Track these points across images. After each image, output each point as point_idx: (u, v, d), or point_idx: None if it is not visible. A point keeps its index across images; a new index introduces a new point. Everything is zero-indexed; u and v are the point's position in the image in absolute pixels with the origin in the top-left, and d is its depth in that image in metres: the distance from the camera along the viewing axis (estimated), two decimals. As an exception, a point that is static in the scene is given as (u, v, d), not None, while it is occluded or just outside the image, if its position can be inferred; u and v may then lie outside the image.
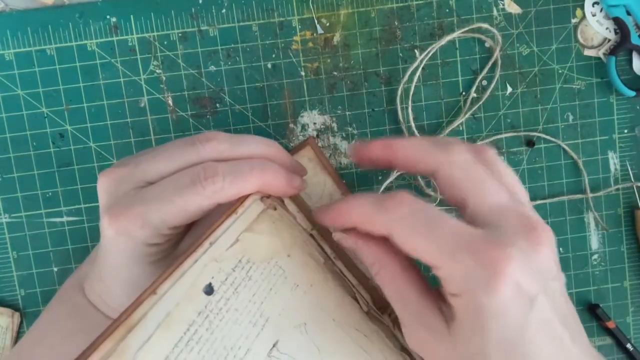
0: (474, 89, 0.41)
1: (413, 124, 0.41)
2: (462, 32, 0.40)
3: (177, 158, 0.28)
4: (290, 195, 0.31)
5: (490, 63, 0.41)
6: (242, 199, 0.29)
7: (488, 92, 0.41)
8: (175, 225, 0.28)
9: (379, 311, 0.33)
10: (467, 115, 0.41)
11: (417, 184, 0.41)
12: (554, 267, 0.24)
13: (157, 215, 0.27)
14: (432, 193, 0.41)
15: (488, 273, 0.22)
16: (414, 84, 0.41)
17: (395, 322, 0.33)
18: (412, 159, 0.27)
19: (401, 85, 0.41)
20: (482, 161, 0.26)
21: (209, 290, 0.26)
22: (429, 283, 0.27)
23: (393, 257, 0.26)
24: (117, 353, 0.22)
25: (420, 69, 0.41)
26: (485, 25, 0.40)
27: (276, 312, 0.27)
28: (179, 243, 0.31)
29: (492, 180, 0.25)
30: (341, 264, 0.33)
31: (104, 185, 0.29)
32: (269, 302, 0.27)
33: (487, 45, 0.42)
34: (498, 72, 0.41)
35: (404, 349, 0.33)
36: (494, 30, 0.40)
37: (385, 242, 0.26)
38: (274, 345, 0.27)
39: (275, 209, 0.30)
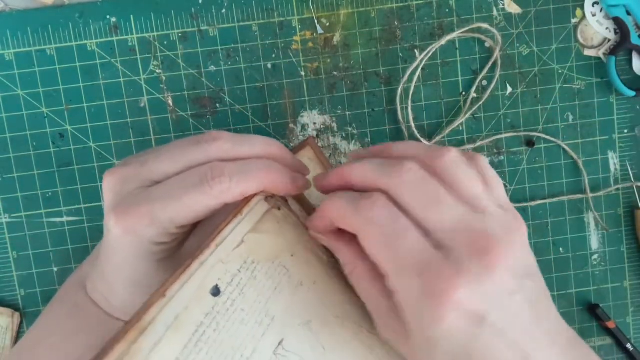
0: (474, 89, 0.41)
1: (413, 124, 0.41)
2: (462, 32, 0.40)
3: (182, 158, 0.28)
4: (295, 194, 0.31)
5: (490, 63, 0.41)
6: (247, 199, 0.29)
7: (488, 92, 0.41)
8: (183, 224, 0.28)
9: None
10: (467, 115, 0.41)
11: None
12: (511, 282, 0.24)
13: (164, 214, 0.27)
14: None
15: (433, 304, 0.23)
16: (413, 83, 0.41)
17: None
18: (365, 182, 0.27)
19: (401, 85, 0.41)
20: (436, 174, 0.25)
21: (216, 291, 0.26)
22: None
23: (366, 259, 0.26)
24: (130, 356, 0.22)
25: (419, 69, 0.41)
26: (485, 25, 0.40)
27: (281, 310, 0.28)
28: (183, 242, 0.31)
29: (446, 195, 0.25)
30: None
31: (110, 184, 0.28)
32: (274, 301, 0.28)
33: (487, 45, 0.42)
34: (498, 72, 0.41)
35: None
36: (494, 31, 0.40)
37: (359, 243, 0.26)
38: (279, 344, 0.27)
39: (279, 208, 0.31)
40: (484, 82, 0.42)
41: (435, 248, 0.24)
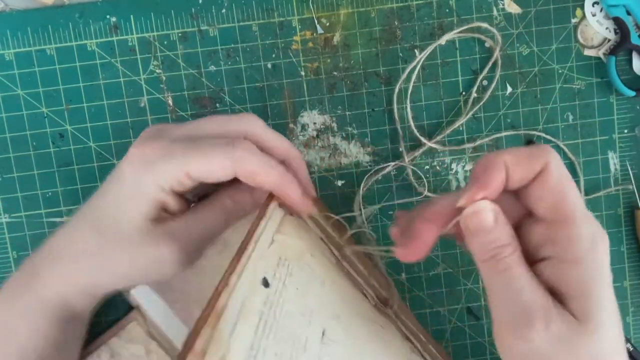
0: (475, 88, 0.41)
1: (412, 123, 0.41)
2: (461, 32, 0.40)
3: (217, 127, 0.31)
4: (300, 212, 0.33)
5: (490, 63, 0.41)
6: (266, 204, 0.30)
7: (489, 92, 0.41)
8: (196, 179, 0.30)
9: (382, 305, 0.36)
10: (468, 115, 0.41)
11: (409, 181, 0.41)
12: None
13: (184, 157, 0.29)
14: (423, 190, 0.41)
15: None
16: (411, 83, 0.41)
17: (397, 314, 0.37)
18: (520, 161, 0.26)
19: (398, 84, 0.41)
20: None
21: (266, 283, 0.27)
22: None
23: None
24: (215, 339, 0.23)
25: (418, 68, 0.41)
26: (484, 25, 0.40)
27: (316, 304, 0.29)
28: (176, 235, 0.32)
29: None
30: (347, 264, 0.36)
31: (144, 133, 0.32)
32: (309, 296, 0.29)
33: (487, 45, 0.42)
34: (498, 72, 0.41)
35: (407, 338, 0.36)
36: (494, 30, 0.40)
37: None
38: (323, 334, 0.28)
39: (292, 214, 0.32)
40: (485, 82, 0.42)
41: None
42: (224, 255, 0.38)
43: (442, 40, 0.40)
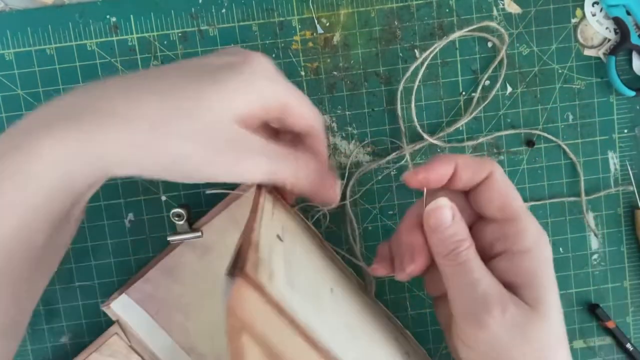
0: (480, 88, 0.41)
1: (416, 119, 0.41)
2: (469, 31, 0.40)
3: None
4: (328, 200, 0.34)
5: (496, 61, 0.41)
6: (258, 192, 0.31)
7: (494, 92, 0.41)
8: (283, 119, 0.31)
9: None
10: (473, 114, 0.41)
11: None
12: None
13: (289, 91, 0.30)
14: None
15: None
16: (417, 81, 0.41)
17: (374, 300, 0.39)
18: (469, 167, 0.30)
19: (402, 83, 0.41)
20: None
21: (280, 238, 0.28)
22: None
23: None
24: (261, 260, 0.23)
25: (424, 66, 0.41)
26: (492, 24, 0.40)
27: (319, 269, 0.31)
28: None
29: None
30: (329, 246, 0.38)
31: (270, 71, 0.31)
32: (312, 261, 0.31)
33: (489, 45, 0.42)
34: (504, 71, 0.41)
35: (389, 318, 0.39)
36: (501, 29, 0.40)
37: None
38: (331, 290, 0.30)
39: (279, 200, 0.34)
40: (487, 82, 0.42)
41: None
42: (205, 261, 0.38)
43: (452, 38, 0.40)
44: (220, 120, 0.27)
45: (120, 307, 0.38)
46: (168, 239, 0.38)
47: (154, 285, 0.38)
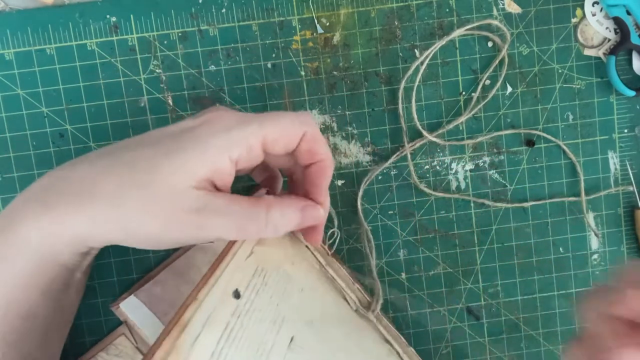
0: (480, 87, 0.41)
1: (417, 122, 0.41)
2: (470, 29, 0.40)
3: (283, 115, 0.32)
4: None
5: (497, 60, 0.41)
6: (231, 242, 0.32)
7: (494, 91, 0.41)
8: (268, 148, 0.31)
9: (364, 309, 0.39)
10: (472, 112, 0.41)
11: (413, 181, 0.41)
12: None
13: (261, 126, 0.30)
14: (425, 189, 0.41)
15: None
16: (417, 83, 0.41)
17: (379, 318, 0.39)
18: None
19: (403, 80, 0.40)
20: None
21: (237, 294, 0.29)
22: None
23: None
24: (176, 349, 0.26)
25: (424, 65, 0.41)
26: (494, 22, 0.40)
27: (289, 311, 0.31)
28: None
29: None
30: (331, 270, 0.38)
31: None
32: (283, 303, 0.31)
33: (489, 44, 0.42)
34: (505, 70, 0.41)
35: (387, 341, 0.39)
36: (503, 28, 0.40)
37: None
38: (291, 340, 0.31)
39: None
40: (487, 82, 0.42)
41: None
42: None
43: (453, 36, 0.40)
44: (177, 190, 0.28)
45: (129, 307, 0.38)
46: None
47: (163, 287, 0.38)
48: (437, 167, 0.42)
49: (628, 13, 0.41)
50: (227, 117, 0.30)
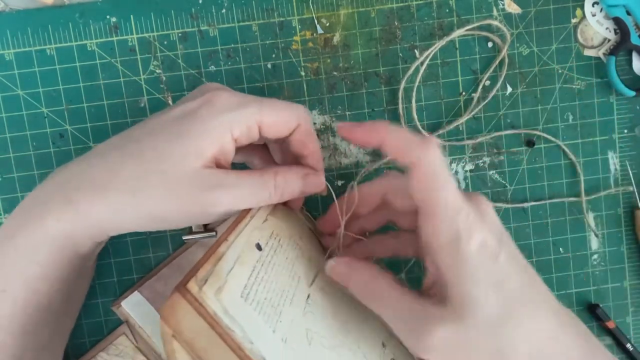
0: (480, 87, 0.41)
1: (417, 122, 0.41)
2: (471, 29, 0.40)
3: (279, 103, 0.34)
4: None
5: (497, 60, 0.41)
6: None
7: (494, 91, 0.41)
8: (265, 130, 0.32)
9: None
10: (473, 113, 0.41)
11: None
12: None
13: (259, 108, 0.31)
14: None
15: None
16: (417, 83, 0.41)
17: None
18: (397, 148, 0.30)
19: (403, 80, 0.41)
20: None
21: (259, 247, 0.31)
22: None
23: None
24: (216, 273, 0.27)
25: (424, 66, 0.41)
26: (495, 22, 0.40)
27: (302, 274, 0.33)
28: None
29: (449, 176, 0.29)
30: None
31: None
32: (297, 266, 0.33)
33: (489, 45, 0.42)
34: (505, 71, 0.41)
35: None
36: (504, 28, 0.40)
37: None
38: (308, 297, 0.33)
39: (283, 204, 0.36)
40: (487, 82, 0.42)
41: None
42: None
43: (453, 37, 0.40)
44: (189, 170, 0.30)
45: (131, 305, 0.39)
46: (183, 237, 0.39)
47: (165, 284, 0.39)
48: (437, 168, 0.42)
49: (628, 13, 0.41)
50: (225, 97, 0.31)
